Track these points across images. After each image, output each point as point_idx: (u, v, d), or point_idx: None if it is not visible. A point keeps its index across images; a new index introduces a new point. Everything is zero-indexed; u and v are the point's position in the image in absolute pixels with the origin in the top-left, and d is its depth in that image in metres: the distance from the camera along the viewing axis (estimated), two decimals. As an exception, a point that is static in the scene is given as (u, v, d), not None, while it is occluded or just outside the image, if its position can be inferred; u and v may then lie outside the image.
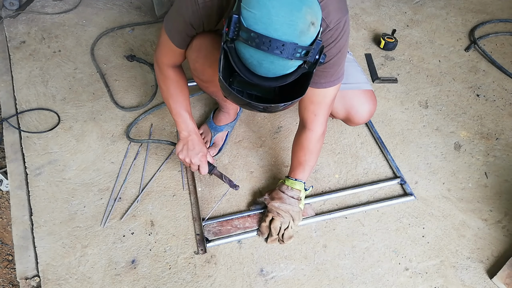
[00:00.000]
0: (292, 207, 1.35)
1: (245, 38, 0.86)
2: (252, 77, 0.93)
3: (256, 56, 0.88)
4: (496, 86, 1.93)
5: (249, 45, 0.86)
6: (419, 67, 2.01)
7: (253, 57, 0.89)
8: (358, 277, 1.34)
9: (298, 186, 1.38)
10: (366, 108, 1.43)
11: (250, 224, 1.41)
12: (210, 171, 1.42)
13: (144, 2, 2.26)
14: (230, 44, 0.91)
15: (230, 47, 0.91)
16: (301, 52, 0.87)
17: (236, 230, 1.38)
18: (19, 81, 1.84)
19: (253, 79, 0.93)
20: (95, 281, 1.30)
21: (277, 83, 0.94)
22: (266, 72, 0.92)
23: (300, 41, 0.87)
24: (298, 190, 1.38)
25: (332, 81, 1.20)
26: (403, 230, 1.45)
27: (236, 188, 1.43)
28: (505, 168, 1.63)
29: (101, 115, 1.73)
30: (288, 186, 1.38)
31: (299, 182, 1.38)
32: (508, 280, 1.30)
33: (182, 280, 1.31)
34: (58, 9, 2.18)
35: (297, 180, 1.38)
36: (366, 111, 1.43)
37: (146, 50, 2.01)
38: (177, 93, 1.35)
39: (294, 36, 0.85)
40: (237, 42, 0.90)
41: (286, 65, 0.90)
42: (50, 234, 1.39)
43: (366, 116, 1.45)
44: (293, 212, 1.36)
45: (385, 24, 2.21)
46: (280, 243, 1.39)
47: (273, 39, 0.84)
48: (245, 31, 0.86)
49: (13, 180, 1.53)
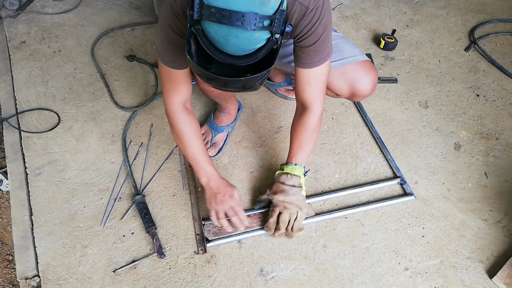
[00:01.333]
0: (296, 197, 1.34)
1: (207, 15, 0.87)
2: (223, 57, 0.94)
3: (220, 31, 0.89)
4: (496, 86, 1.93)
5: (212, 21, 0.87)
6: (419, 67, 2.01)
7: (218, 34, 0.89)
8: (358, 277, 1.34)
9: (298, 171, 1.36)
10: (369, 79, 1.41)
11: (250, 224, 1.41)
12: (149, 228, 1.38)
13: (144, 2, 2.27)
14: (197, 26, 0.91)
15: (197, 29, 0.91)
16: (263, 22, 0.88)
17: (235, 230, 1.38)
18: (19, 81, 1.84)
19: (225, 59, 0.94)
20: (95, 281, 1.30)
21: (248, 61, 0.94)
22: (234, 49, 0.92)
23: (261, 11, 0.87)
24: (298, 176, 1.36)
25: (324, 57, 1.21)
26: (403, 230, 1.45)
27: (161, 257, 1.34)
28: (505, 168, 1.63)
29: (101, 115, 1.73)
30: (288, 174, 1.35)
31: (299, 167, 1.36)
32: (508, 280, 1.30)
33: (182, 280, 1.31)
34: (58, 9, 2.18)
35: (297, 164, 1.36)
36: (369, 82, 1.41)
37: (146, 50, 2.02)
38: (191, 138, 1.31)
39: (254, 6, 0.86)
40: (203, 22, 0.90)
41: (252, 38, 0.90)
42: (50, 234, 1.39)
43: (370, 87, 1.42)
44: (298, 202, 1.34)
45: (385, 24, 2.21)
46: (288, 237, 1.38)
47: (232, 11, 0.85)
48: (207, 8, 0.87)
49: (13, 180, 1.53)
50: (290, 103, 1.82)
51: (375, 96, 1.86)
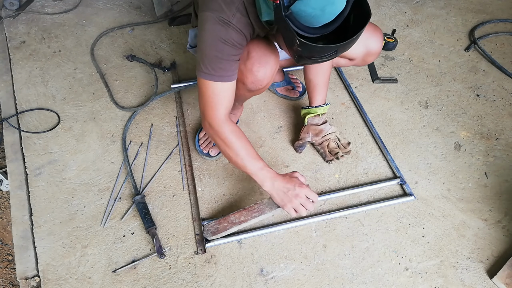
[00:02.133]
0: (329, 129, 1.60)
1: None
2: (316, 31, 1.01)
3: (317, 5, 0.95)
4: (496, 86, 1.93)
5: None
6: (419, 67, 2.01)
7: (315, 8, 0.95)
8: (358, 277, 1.34)
9: (321, 110, 1.61)
10: (378, 35, 1.49)
11: (245, 217, 1.37)
12: (149, 228, 1.38)
13: (144, 2, 2.27)
14: (288, 12, 0.97)
15: (288, 14, 0.97)
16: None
17: (232, 226, 1.35)
18: (19, 81, 1.84)
19: (317, 32, 1.02)
20: (95, 281, 1.30)
21: (339, 22, 1.01)
22: (328, 16, 0.98)
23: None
24: (324, 113, 1.62)
25: None
26: (403, 230, 1.45)
27: (161, 257, 1.33)
28: (505, 168, 1.63)
29: (101, 115, 1.73)
30: (320, 115, 1.61)
31: (325, 106, 1.61)
32: (508, 280, 1.30)
33: (182, 280, 1.31)
34: (58, 9, 2.18)
35: (326, 104, 1.61)
36: (379, 37, 1.49)
37: (146, 50, 2.01)
38: (244, 147, 1.27)
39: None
40: (295, 5, 0.96)
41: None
42: (50, 234, 1.39)
43: (381, 43, 1.51)
44: (330, 129, 1.60)
45: (385, 24, 2.21)
46: (341, 158, 1.59)
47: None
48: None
49: (13, 180, 1.53)
50: (290, 103, 1.82)
51: (375, 96, 1.86)
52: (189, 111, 1.76)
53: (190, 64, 1.95)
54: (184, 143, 1.65)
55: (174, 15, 2.18)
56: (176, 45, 2.05)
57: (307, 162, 1.62)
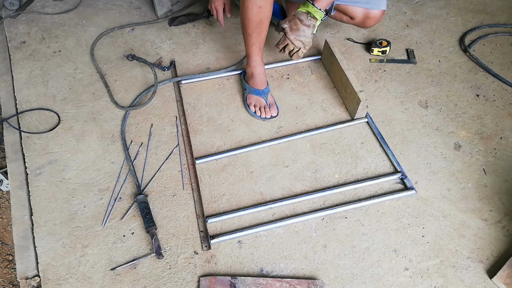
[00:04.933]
0: (305, 38, 1.58)
1: None
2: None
3: None
4: (496, 86, 1.93)
5: None
6: (419, 67, 2.01)
7: None
8: (358, 277, 1.34)
9: (318, 15, 1.56)
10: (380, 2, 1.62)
11: None
12: (149, 227, 1.36)
13: (144, 2, 2.27)
14: None
15: None
16: None
17: None
18: (19, 81, 1.84)
19: None
20: (95, 281, 1.30)
21: None
22: None
23: None
24: (316, 19, 1.56)
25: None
26: (403, 230, 1.45)
27: (160, 257, 1.32)
28: (505, 168, 1.63)
29: (101, 115, 1.73)
30: (309, 14, 1.55)
31: (321, 12, 1.55)
32: (508, 280, 1.31)
33: (182, 280, 1.31)
34: (58, 9, 2.18)
35: (320, 10, 1.55)
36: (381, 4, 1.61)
37: (146, 50, 2.02)
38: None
39: None
40: None
41: None
42: (51, 234, 1.39)
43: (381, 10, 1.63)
44: (305, 40, 1.59)
45: (385, 24, 2.21)
46: (292, 58, 1.68)
47: None
48: None
49: (13, 180, 1.53)
50: (290, 103, 1.82)
51: (375, 96, 1.86)
52: (189, 111, 1.77)
53: (189, 64, 1.96)
54: (186, 142, 1.65)
55: (174, 15, 2.19)
56: (176, 45, 2.05)
57: (307, 162, 1.62)
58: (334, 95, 1.86)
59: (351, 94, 1.72)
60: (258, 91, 1.74)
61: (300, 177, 1.57)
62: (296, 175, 1.58)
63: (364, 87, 1.90)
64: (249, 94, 1.77)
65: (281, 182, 1.56)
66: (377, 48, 2.01)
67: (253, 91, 1.74)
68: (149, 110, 1.76)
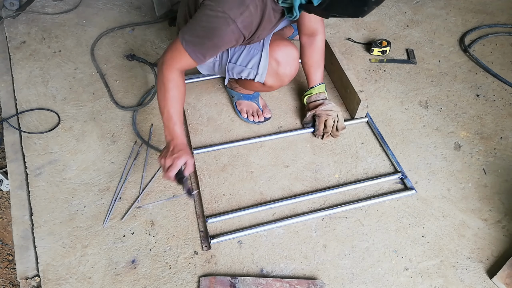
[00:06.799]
0: (331, 105, 1.63)
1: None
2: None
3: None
4: (496, 86, 1.93)
5: None
6: (419, 67, 2.01)
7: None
8: (358, 277, 1.34)
9: (323, 88, 1.67)
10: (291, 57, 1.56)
11: None
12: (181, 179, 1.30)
13: (144, 2, 2.27)
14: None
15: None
16: None
17: None
18: (19, 81, 1.84)
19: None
20: (95, 281, 1.30)
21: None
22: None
23: None
24: (323, 92, 1.67)
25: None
26: (403, 230, 1.45)
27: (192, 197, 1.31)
28: (505, 168, 1.63)
29: (101, 115, 1.73)
30: (318, 93, 1.66)
31: (322, 85, 1.67)
32: (508, 280, 1.31)
33: (182, 280, 1.31)
34: (58, 9, 2.18)
35: (320, 84, 1.67)
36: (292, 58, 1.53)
37: (146, 50, 2.02)
38: (176, 99, 1.34)
39: None
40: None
41: None
42: (51, 234, 1.39)
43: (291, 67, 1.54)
44: (335, 108, 1.63)
45: (385, 24, 2.21)
46: (334, 137, 1.67)
47: None
48: None
49: (13, 180, 1.53)
50: (290, 103, 1.82)
51: (375, 96, 1.86)
52: (189, 111, 1.77)
53: (190, 64, 1.96)
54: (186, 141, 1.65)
55: (174, 15, 2.18)
56: (176, 45, 2.05)
57: (307, 162, 1.62)
58: (334, 95, 1.86)
59: (351, 94, 1.72)
60: (248, 96, 1.71)
61: (300, 177, 1.57)
62: (296, 175, 1.58)
63: (364, 87, 1.90)
64: (238, 100, 1.73)
65: (281, 182, 1.56)
66: (377, 48, 2.01)
67: (243, 96, 1.71)
68: (149, 110, 1.76)
